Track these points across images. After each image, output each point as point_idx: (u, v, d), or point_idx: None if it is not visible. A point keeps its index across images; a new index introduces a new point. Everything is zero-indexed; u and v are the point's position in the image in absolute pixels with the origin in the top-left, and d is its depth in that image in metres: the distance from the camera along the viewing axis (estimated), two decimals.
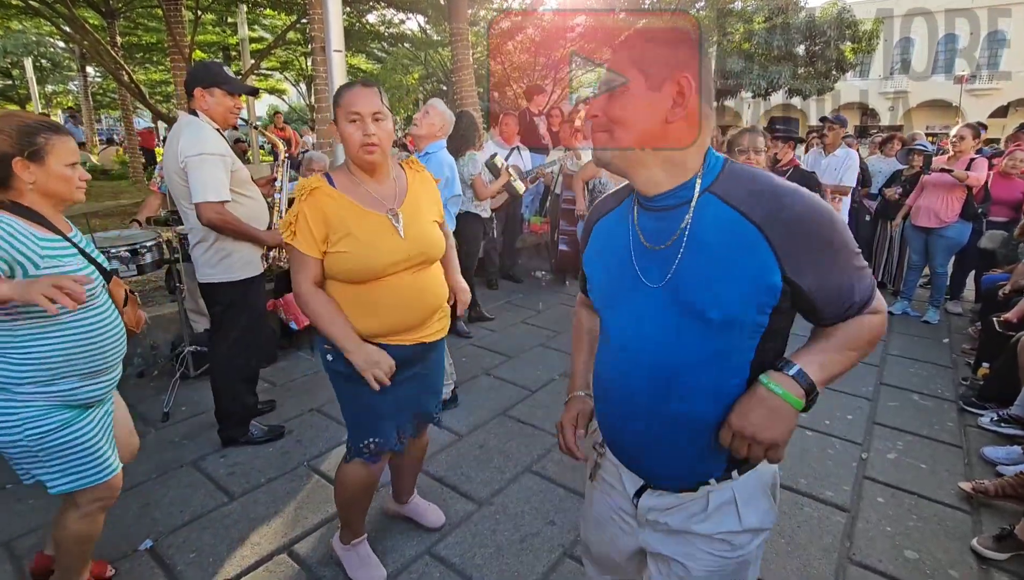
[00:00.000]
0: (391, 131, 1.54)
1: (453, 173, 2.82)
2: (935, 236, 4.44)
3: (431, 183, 1.76)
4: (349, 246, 1.50)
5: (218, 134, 2.27)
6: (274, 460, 2.54)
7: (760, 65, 16.57)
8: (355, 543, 1.89)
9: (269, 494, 2.31)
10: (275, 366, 3.51)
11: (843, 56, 16.94)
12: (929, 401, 3.26)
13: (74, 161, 1.44)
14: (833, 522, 2.22)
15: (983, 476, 2.52)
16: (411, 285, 1.60)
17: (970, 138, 4.25)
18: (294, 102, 25.67)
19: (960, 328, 4.49)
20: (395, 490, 2.12)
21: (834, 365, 0.93)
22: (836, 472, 2.55)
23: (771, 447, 0.90)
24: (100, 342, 1.50)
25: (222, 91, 2.26)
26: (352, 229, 1.51)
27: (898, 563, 2.01)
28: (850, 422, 3.00)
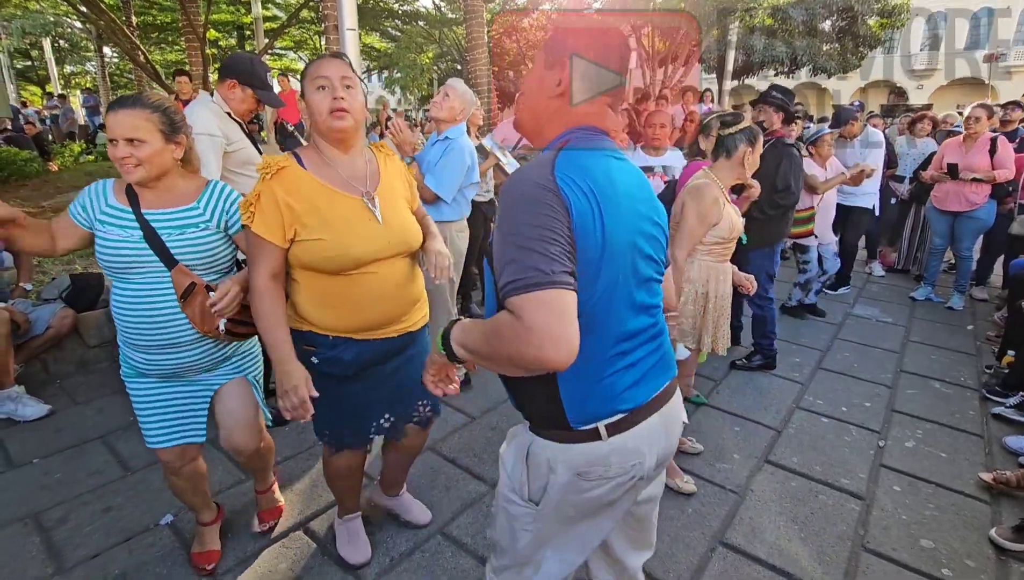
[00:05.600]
0: (363, 103, 1.44)
1: (473, 160, 2.78)
2: (963, 218, 4.32)
3: (403, 168, 1.67)
4: (323, 233, 1.38)
5: (220, 115, 2.27)
6: (290, 439, 2.58)
7: (784, 41, 16.02)
8: (347, 518, 1.92)
9: (285, 472, 2.35)
10: None
11: (870, 32, 16.29)
12: (951, 389, 3.19)
13: (110, 137, 1.43)
14: (848, 509, 2.20)
15: (1004, 466, 2.47)
16: (391, 277, 1.51)
17: (984, 119, 4.18)
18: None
19: (986, 314, 4.37)
20: (384, 480, 2.03)
21: (471, 340, 0.99)
22: (852, 459, 2.51)
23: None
24: (140, 321, 1.51)
25: (254, 93, 2.29)
26: (324, 214, 1.40)
27: (913, 551, 1.99)
28: (868, 409, 2.95)
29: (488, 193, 3.77)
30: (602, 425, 1.02)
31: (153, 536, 2.01)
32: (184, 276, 1.50)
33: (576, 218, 0.91)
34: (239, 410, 1.70)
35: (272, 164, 1.41)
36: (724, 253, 2.21)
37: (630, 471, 1.05)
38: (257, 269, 1.41)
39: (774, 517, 2.14)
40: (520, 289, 0.86)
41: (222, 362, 1.67)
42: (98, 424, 2.71)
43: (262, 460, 1.87)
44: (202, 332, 1.52)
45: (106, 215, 1.50)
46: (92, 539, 1.98)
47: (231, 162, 2.26)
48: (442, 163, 2.64)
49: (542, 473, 1.06)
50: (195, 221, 1.53)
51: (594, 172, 0.97)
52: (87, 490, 2.24)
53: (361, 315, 1.50)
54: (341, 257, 1.41)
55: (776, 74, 18.29)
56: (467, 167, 2.70)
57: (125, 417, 2.72)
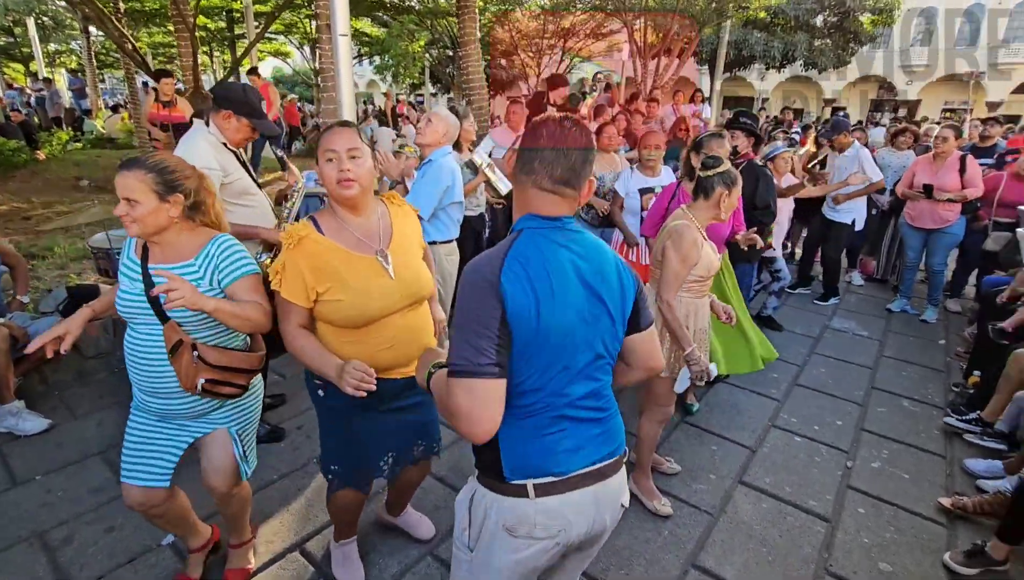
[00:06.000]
0: (371, 169, 1.54)
1: (455, 179, 2.85)
2: (936, 234, 4.49)
3: (412, 216, 1.76)
4: (342, 294, 1.51)
5: (217, 146, 2.30)
6: (285, 456, 2.68)
7: (777, 36, 16.06)
8: (343, 542, 2.02)
9: (281, 491, 2.44)
10: (285, 357, 3.61)
11: (862, 28, 16.38)
12: (918, 407, 3.35)
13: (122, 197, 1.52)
14: (814, 532, 2.34)
15: (964, 488, 2.63)
16: (403, 326, 1.62)
17: (952, 139, 4.34)
18: (298, 65, 25.16)
19: (958, 328, 4.54)
20: (389, 503, 2.18)
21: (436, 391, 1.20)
22: (821, 480, 2.66)
23: None
24: (138, 365, 1.62)
25: (249, 123, 2.32)
26: (343, 276, 1.52)
27: (872, 575, 2.14)
28: (839, 428, 3.10)
29: (479, 207, 3.84)
30: (531, 483, 1.11)
31: (156, 556, 2.10)
32: (174, 332, 1.56)
33: (511, 310, 1.05)
34: (215, 457, 1.75)
35: (294, 234, 1.53)
36: (702, 289, 2.30)
37: (555, 536, 1.14)
38: (287, 323, 1.56)
39: (744, 539, 2.28)
40: (453, 373, 1.05)
41: (212, 411, 1.73)
42: (98, 438, 2.78)
43: (235, 507, 1.88)
44: (183, 387, 1.59)
45: (125, 267, 1.63)
46: (97, 560, 2.07)
47: (227, 193, 2.31)
48: (420, 182, 2.72)
49: (479, 520, 1.17)
50: (188, 279, 1.56)
51: (540, 266, 1.09)
52: (89, 508, 2.32)
53: (371, 359, 1.58)
54: (359, 315, 1.54)
55: (768, 68, 18.36)
56: (446, 186, 2.77)
57: (124, 432, 2.78)
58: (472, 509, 1.20)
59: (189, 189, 1.59)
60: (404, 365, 1.69)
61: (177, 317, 1.57)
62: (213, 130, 2.31)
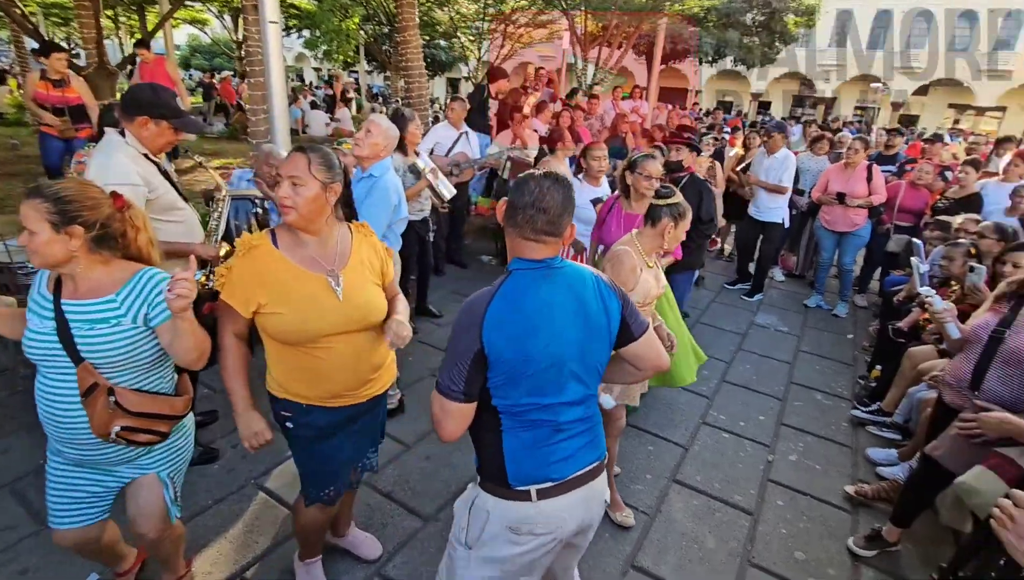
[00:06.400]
0: (313, 197, 1.51)
1: (400, 197, 2.79)
2: (847, 236, 4.90)
3: (379, 249, 1.75)
4: (284, 308, 1.52)
5: (137, 158, 2.11)
6: (220, 479, 2.56)
7: (711, 32, 16.68)
8: (309, 562, 2.02)
9: (216, 517, 2.35)
10: (214, 368, 3.43)
11: (786, 28, 17.31)
12: (830, 400, 3.68)
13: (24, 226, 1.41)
14: (739, 526, 2.54)
15: (867, 476, 2.93)
16: (350, 349, 1.62)
17: (862, 151, 4.77)
18: (217, 34, 23.40)
19: (865, 322, 5.00)
20: (334, 522, 2.15)
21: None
22: (745, 475, 2.88)
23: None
24: (47, 415, 1.50)
25: (170, 125, 2.14)
26: (289, 290, 1.53)
27: (788, 564, 2.35)
28: (761, 423, 3.35)
29: (423, 212, 3.78)
30: (534, 489, 1.30)
31: None
32: (88, 374, 1.45)
33: (489, 348, 1.24)
34: (144, 504, 1.65)
35: (247, 243, 1.55)
36: (644, 313, 2.36)
37: (553, 532, 1.33)
38: (224, 329, 1.58)
39: (678, 538, 2.44)
40: (436, 387, 1.29)
41: (140, 457, 1.63)
42: (4, 469, 2.54)
43: (167, 548, 1.80)
44: (96, 435, 1.48)
45: (35, 302, 1.48)
46: None
47: (153, 209, 2.13)
48: (368, 202, 2.64)
49: (480, 521, 1.34)
50: (108, 316, 1.46)
51: (524, 303, 1.27)
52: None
53: (328, 385, 1.64)
54: (298, 331, 1.54)
55: (701, 62, 19.04)
56: (393, 205, 2.72)
57: (33, 460, 2.56)
58: (472, 512, 1.36)
59: (92, 221, 1.44)
60: (360, 388, 1.72)
61: (94, 359, 1.46)
62: (130, 140, 2.11)
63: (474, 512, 1.36)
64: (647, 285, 2.22)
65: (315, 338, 1.56)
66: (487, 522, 1.32)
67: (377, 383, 1.77)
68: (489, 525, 1.32)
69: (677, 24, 15.82)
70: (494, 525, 1.31)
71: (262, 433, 1.65)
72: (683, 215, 2.23)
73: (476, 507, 1.35)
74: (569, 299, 1.31)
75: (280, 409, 1.68)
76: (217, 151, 9.35)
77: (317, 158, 1.53)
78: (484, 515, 1.33)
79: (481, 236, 6.19)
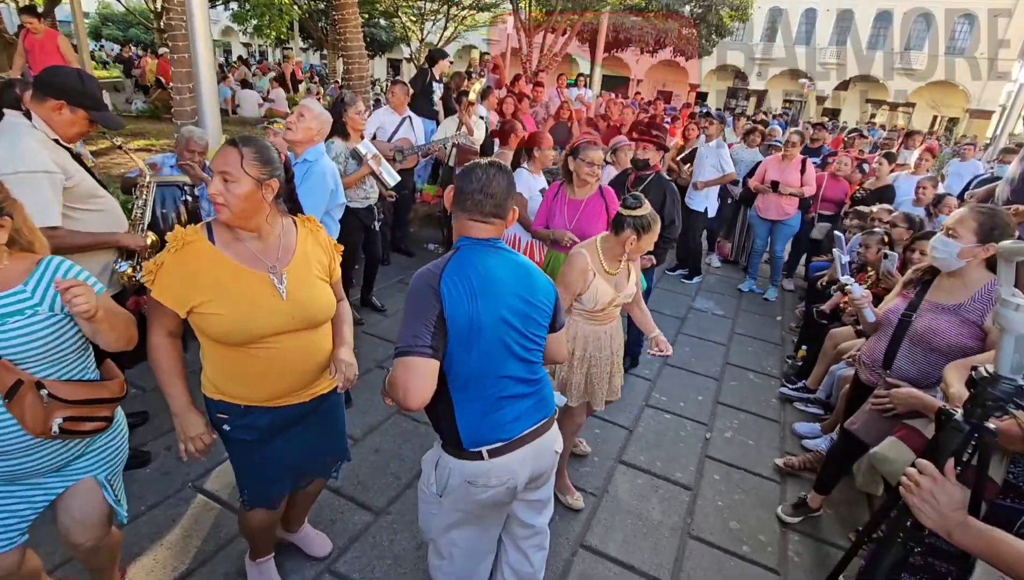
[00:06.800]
0: (246, 195, 1.43)
1: (337, 182, 2.71)
2: (779, 225, 5.20)
3: (326, 243, 1.70)
4: (221, 308, 1.45)
5: (48, 144, 1.93)
6: (153, 483, 2.43)
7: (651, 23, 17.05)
8: (260, 561, 1.99)
9: (151, 523, 2.23)
10: (143, 366, 3.22)
11: (721, 21, 17.96)
12: (761, 379, 3.92)
13: None
14: (680, 501, 2.68)
15: (793, 449, 3.16)
16: (295, 348, 1.57)
17: (799, 144, 5.06)
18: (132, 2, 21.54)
19: (792, 305, 5.34)
20: (286, 519, 2.11)
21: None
22: (685, 453, 3.03)
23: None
24: None
25: (87, 115, 1.97)
26: (227, 289, 1.46)
27: (724, 534, 2.51)
28: (700, 403, 3.53)
29: (367, 200, 3.68)
30: (485, 449, 1.46)
31: None
32: (8, 373, 1.33)
33: (447, 308, 1.35)
34: (82, 511, 1.55)
35: (180, 237, 1.46)
36: (599, 319, 2.31)
37: (505, 483, 1.51)
38: (154, 328, 1.50)
39: (624, 516, 2.55)
40: (397, 353, 1.35)
41: (73, 461, 1.52)
42: None
43: (103, 559, 1.70)
44: (34, 435, 1.38)
45: None
46: None
47: (72, 198, 1.96)
48: (304, 189, 2.53)
49: (444, 476, 1.52)
50: (21, 307, 1.35)
51: (473, 272, 1.40)
52: None
53: (269, 386, 1.58)
54: (238, 332, 1.47)
55: (642, 52, 19.44)
56: (330, 190, 2.64)
57: None
58: (438, 468, 1.54)
59: (10, 212, 1.35)
60: (301, 389, 1.66)
61: (14, 355, 1.34)
62: (37, 123, 1.91)
63: (439, 469, 1.54)
64: (598, 291, 2.19)
65: (257, 339, 1.49)
66: (449, 476, 1.50)
67: (323, 382, 1.72)
68: (451, 479, 1.50)
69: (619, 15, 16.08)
70: (455, 479, 1.50)
71: (202, 436, 1.57)
72: (647, 228, 2.14)
73: (440, 465, 1.53)
74: (513, 274, 1.46)
75: (216, 411, 1.59)
76: (138, 131, 8.66)
77: (251, 152, 1.43)
78: (447, 471, 1.51)
79: (427, 224, 6.10)
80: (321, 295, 1.61)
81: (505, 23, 14.81)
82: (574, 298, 2.24)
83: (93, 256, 2.14)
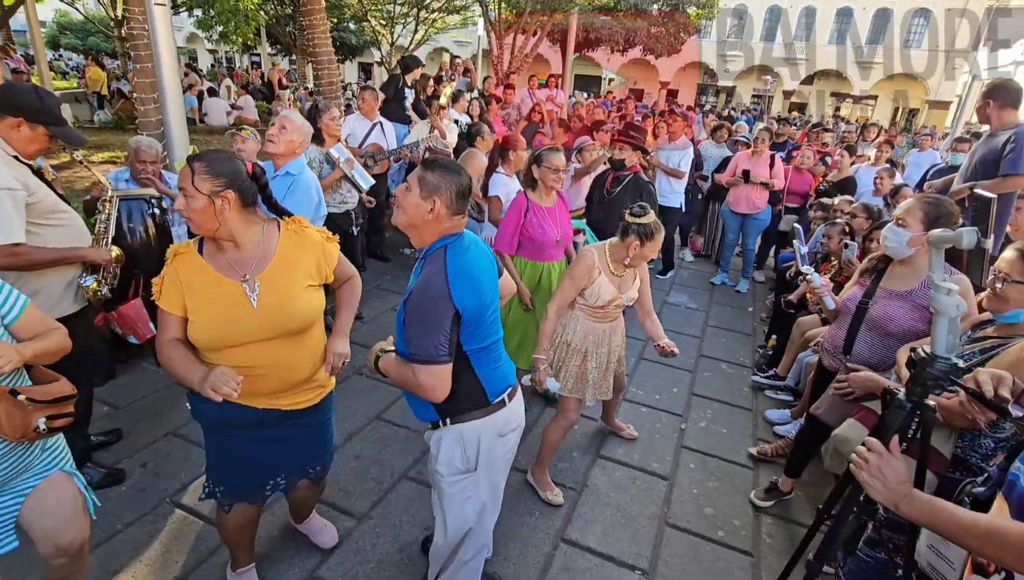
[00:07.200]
0: (201, 209, 1.47)
1: (320, 195, 2.73)
2: (750, 219, 5.33)
3: (315, 241, 1.71)
4: (198, 316, 1.54)
5: (8, 161, 1.91)
6: (129, 500, 2.40)
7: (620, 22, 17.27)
8: (241, 571, 2.00)
9: (129, 541, 2.20)
10: (114, 383, 3.19)
11: (689, 19, 18.26)
12: (733, 369, 4.03)
13: None
14: (657, 491, 2.75)
15: (765, 435, 3.26)
16: (271, 356, 1.60)
17: (768, 140, 5.23)
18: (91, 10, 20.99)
19: (763, 296, 5.48)
20: (291, 512, 2.26)
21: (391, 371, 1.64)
22: (662, 444, 3.11)
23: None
24: None
25: (46, 131, 1.95)
26: (204, 298, 1.54)
27: (700, 520, 2.59)
28: (675, 395, 3.62)
29: (344, 204, 3.68)
30: (505, 395, 1.70)
31: None
32: None
33: (461, 308, 1.50)
34: (59, 508, 1.57)
35: (173, 250, 1.59)
36: (599, 316, 2.46)
37: (520, 422, 1.79)
38: (160, 333, 1.59)
39: (603, 508, 2.60)
40: (419, 361, 1.49)
41: (24, 471, 1.53)
42: None
43: (80, 560, 1.69)
44: (13, 439, 1.40)
45: None
46: None
47: (35, 213, 1.94)
48: (290, 203, 2.54)
49: (474, 445, 1.66)
50: None
51: (467, 269, 1.53)
52: None
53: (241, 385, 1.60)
54: (212, 339, 1.54)
55: (613, 51, 19.66)
56: (315, 203, 2.65)
57: None
58: (465, 443, 1.66)
59: None
60: (278, 394, 1.69)
61: None
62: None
63: (467, 443, 1.65)
64: (601, 288, 2.36)
65: (228, 344, 1.54)
66: (479, 441, 1.65)
67: (297, 398, 1.73)
68: (482, 442, 1.66)
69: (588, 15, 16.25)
70: (486, 439, 1.66)
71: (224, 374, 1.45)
72: (650, 236, 2.27)
73: (466, 438, 1.65)
74: (482, 252, 1.65)
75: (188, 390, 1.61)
76: (101, 143, 8.45)
77: (201, 168, 1.47)
78: (476, 438, 1.65)
79: None
80: (296, 302, 1.61)
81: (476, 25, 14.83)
82: (578, 292, 2.40)
83: (58, 272, 2.12)
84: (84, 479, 1.65)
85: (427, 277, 1.51)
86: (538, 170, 2.96)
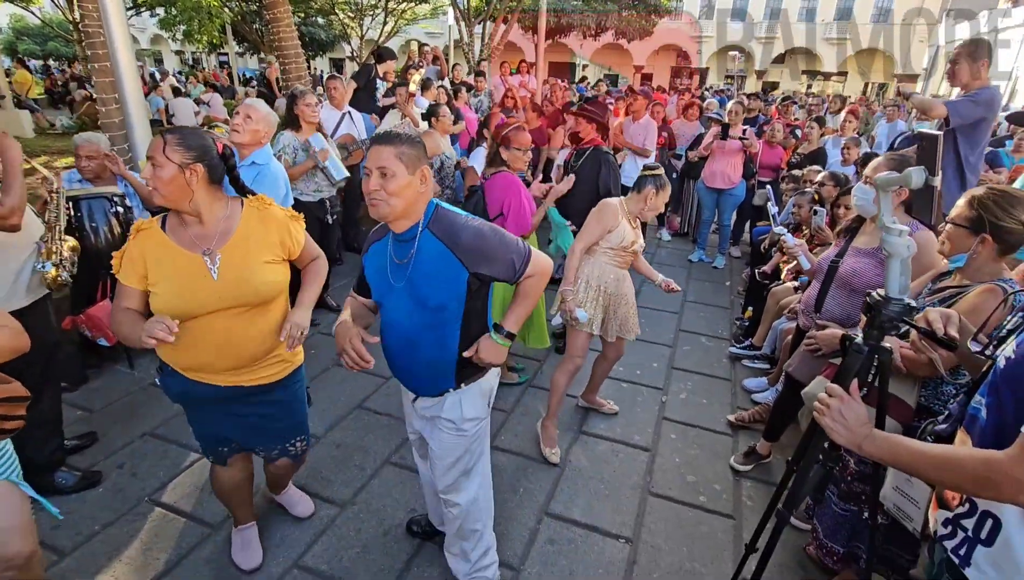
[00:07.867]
0: (170, 179, 1.52)
1: (287, 187, 2.70)
2: (725, 195, 5.37)
3: (278, 218, 1.72)
4: (159, 287, 1.58)
5: None
6: (107, 502, 2.36)
7: (591, 7, 17.21)
8: (241, 528, 2.12)
9: (107, 543, 2.17)
10: (87, 387, 3.12)
11: (660, 1, 18.29)
12: (712, 342, 4.08)
13: None
14: (639, 462, 2.78)
15: (744, 403, 3.32)
16: (230, 328, 1.64)
17: (741, 112, 5.25)
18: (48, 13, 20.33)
19: (739, 270, 5.55)
20: (268, 484, 2.31)
21: (520, 316, 1.67)
22: (643, 417, 3.14)
23: (492, 364, 1.69)
24: None
25: None
26: (165, 270, 1.58)
27: (682, 487, 2.63)
28: (655, 369, 3.65)
29: (318, 193, 3.65)
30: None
31: None
32: None
33: None
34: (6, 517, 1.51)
35: (137, 226, 1.63)
36: (618, 260, 2.68)
37: None
38: (118, 301, 1.63)
39: (586, 481, 2.63)
40: (527, 258, 1.60)
41: None
42: None
43: (30, 571, 1.62)
44: None
45: None
46: None
47: None
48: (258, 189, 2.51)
49: (490, 384, 1.78)
50: None
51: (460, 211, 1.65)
52: None
53: (189, 356, 1.67)
54: (172, 310, 1.55)
55: (585, 36, 19.61)
56: (283, 194, 2.62)
57: None
58: (487, 391, 1.76)
59: None
60: (239, 370, 1.72)
61: None
62: None
63: (487, 390, 1.77)
64: (625, 231, 2.61)
65: (190, 315, 1.57)
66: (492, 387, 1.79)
67: (259, 372, 1.76)
68: (493, 386, 1.81)
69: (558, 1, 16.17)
70: (494, 380, 1.80)
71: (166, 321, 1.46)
72: (663, 186, 2.60)
73: (484, 389, 1.75)
74: None
75: (156, 364, 1.78)
76: (65, 148, 8.23)
77: (173, 139, 1.53)
78: (489, 388, 1.77)
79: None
80: (256, 275, 1.64)
81: (446, 14, 14.66)
82: (603, 234, 2.60)
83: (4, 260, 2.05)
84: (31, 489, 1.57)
85: (461, 225, 1.54)
86: (507, 153, 2.94)
